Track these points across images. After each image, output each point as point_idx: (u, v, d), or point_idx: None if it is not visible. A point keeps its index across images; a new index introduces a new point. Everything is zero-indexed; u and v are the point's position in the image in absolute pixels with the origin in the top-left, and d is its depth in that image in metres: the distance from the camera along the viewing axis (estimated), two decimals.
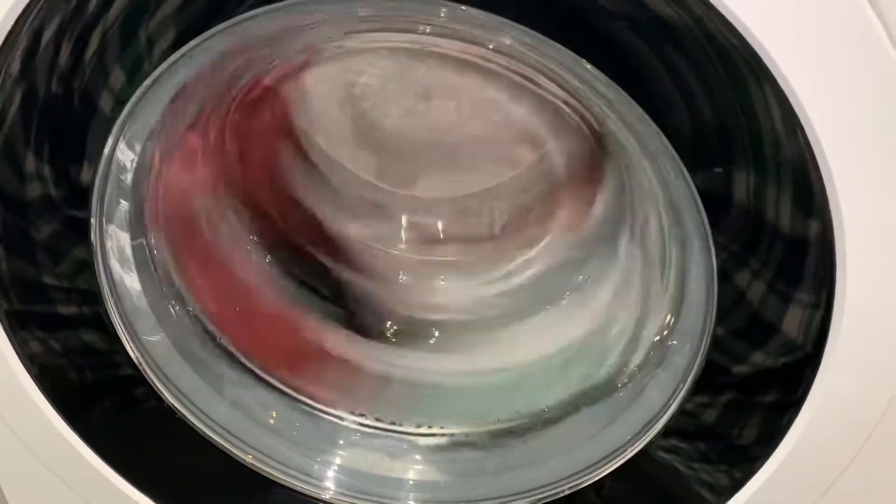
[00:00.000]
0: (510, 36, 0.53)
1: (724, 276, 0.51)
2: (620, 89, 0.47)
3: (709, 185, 0.48)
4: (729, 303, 0.51)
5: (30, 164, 0.55)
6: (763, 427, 0.54)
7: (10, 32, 0.51)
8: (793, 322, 0.50)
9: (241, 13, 0.50)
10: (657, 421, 0.58)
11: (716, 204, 0.49)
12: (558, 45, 0.47)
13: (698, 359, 0.55)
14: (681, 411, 0.56)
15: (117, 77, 0.52)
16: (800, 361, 0.51)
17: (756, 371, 0.53)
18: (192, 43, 0.51)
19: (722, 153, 0.47)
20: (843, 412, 0.52)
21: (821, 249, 0.48)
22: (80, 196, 0.57)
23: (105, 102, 0.53)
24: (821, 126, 0.44)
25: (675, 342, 0.59)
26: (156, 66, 0.52)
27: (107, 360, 0.63)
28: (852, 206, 0.46)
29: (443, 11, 0.54)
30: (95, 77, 0.52)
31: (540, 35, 0.47)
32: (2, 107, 0.53)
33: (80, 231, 0.59)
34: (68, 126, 0.54)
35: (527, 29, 0.47)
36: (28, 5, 0.50)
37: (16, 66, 0.52)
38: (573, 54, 0.47)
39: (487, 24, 0.50)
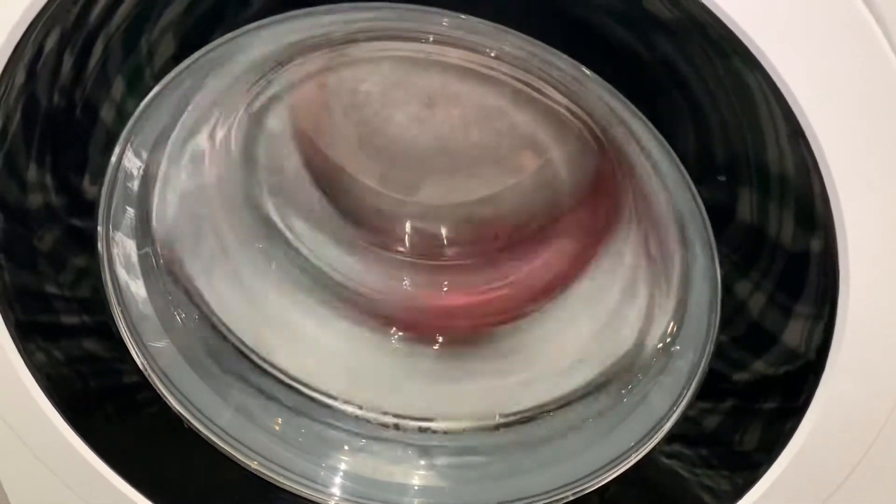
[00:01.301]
0: (510, 43, 0.53)
1: (728, 285, 0.51)
2: (621, 95, 0.47)
3: (713, 194, 0.48)
4: (731, 312, 0.51)
5: (32, 174, 0.55)
6: (765, 433, 0.54)
7: (16, 48, 0.51)
8: (795, 332, 0.50)
9: (243, 25, 0.50)
10: (661, 427, 0.58)
11: (720, 213, 0.49)
12: (557, 52, 0.47)
13: (701, 365, 0.55)
14: (684, 417, 0.57)
15: (121, 89, 0.53)
16: (802, 369, 0.51)
17: (758, 378, 0.53)
18: (194, 55, 0.51)
19: (725, 163, 0.47)
20: (846, 420, 0.52)
21: (824, 260, 0.48)
22: (85, 205, 0.57)
23: (110, 114, 0.53)
24: (825, 139, 0.44)
25: (678, 348, 0.59)
26: (159, 78, 0.52)
27: (112, 368, 0.64)
28: (855, 218, 0.46)
29: (444, 21, 0.54)
30: (99, 88, 0.52)
31: (538, 42, 0.47)
32: (5, 118, 0.53)
33: (83, 240, 0.59)
34: (72, 137, 0.54)
35: (525, 36, 0.47)
36: (32, 22, 0.50)
37: (20, 78, 0.52)
38: (572, 61, 0.47)
39: (488, 33, 0.50)
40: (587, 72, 0.48)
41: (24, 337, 0.61)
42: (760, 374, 0.52)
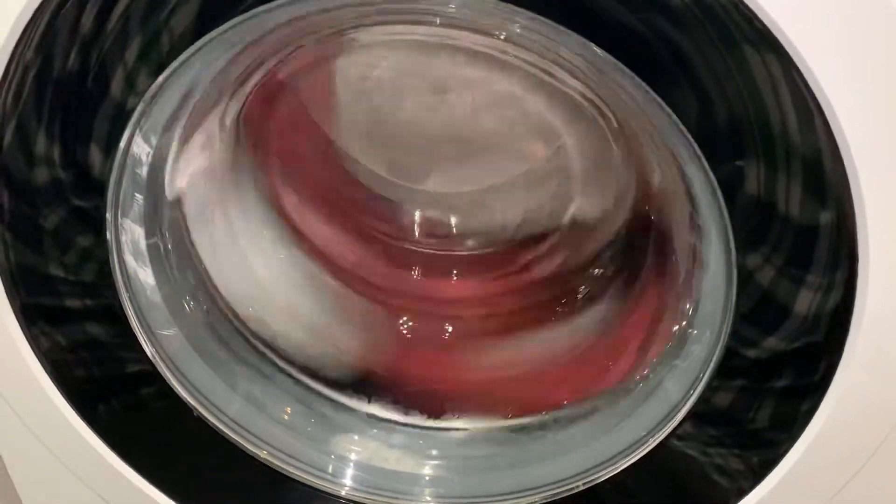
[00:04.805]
0: (518, 23, 0.52)
1: (743, 263, 0.50)
2: (629, 71, 0.47)
3: (727, 174, 0.48)
4: (748, 290, 0.51)
5: (40, 146, 0.55)
6: (780, 412, 0.53)
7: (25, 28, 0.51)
8: (807, 305, 0.50)
9: (256, 6, 0.49)
10: (677, 412, 0.58)
11: (734, 192, 0.48)
12: (565, 29, 0.47)
13: (718, 347, 0.54)
14: (700, 400, 0.56)
15: (135, 70, 0.52)
16: (817, 346, 0.51)
17: (775, 355, 0.52)
18: (210, 34, 0.51)
19: (739, 141, 0.46)
20: (869, 399, 0.51)
21: (841, 234, 0.47)
22: (91, 185, 0.57)
23: (121, 91, 0.53)
24: (842, 112, 0.44)
25: (694, 331, 0.59)
26: (172, 59, 0.52)
27: (117, 355, 0.63)
28: (874, 188, 0.45)
29: (452, 1, 0.54)
30: (111, 71, 0.52)
31: (546, 19, 0.47)
32: (16, 90, 0.53)
33: (88, 221, 0.58)
34: (82, 104, 0.54)
35: (532, 14, 0.47)
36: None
37: (30, 53, 0.52)
38: (581, 38, 0.47)
39: (495, 13, 0.49)
40: (597, 50, 0.47)
41: (29, 321, 0.61)
42: (777, 350, 0.52)
